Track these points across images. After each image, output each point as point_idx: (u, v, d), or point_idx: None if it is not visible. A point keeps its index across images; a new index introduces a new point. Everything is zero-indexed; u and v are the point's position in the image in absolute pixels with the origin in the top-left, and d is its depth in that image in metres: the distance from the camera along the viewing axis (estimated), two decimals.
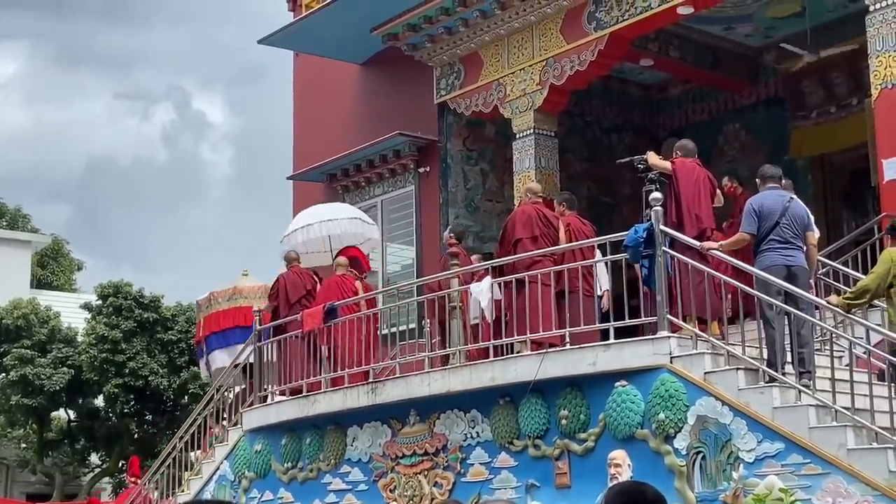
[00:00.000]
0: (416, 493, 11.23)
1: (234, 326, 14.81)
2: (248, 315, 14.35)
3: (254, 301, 14.76)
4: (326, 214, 14.26)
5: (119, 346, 24.44)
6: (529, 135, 14.23)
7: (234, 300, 15.11)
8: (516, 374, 10.19)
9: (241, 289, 15.44)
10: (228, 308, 14.98)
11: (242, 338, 14.52)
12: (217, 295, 15.35)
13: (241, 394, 14.35)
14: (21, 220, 38.71)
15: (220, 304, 15.03)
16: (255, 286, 15.43)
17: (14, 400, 25.41)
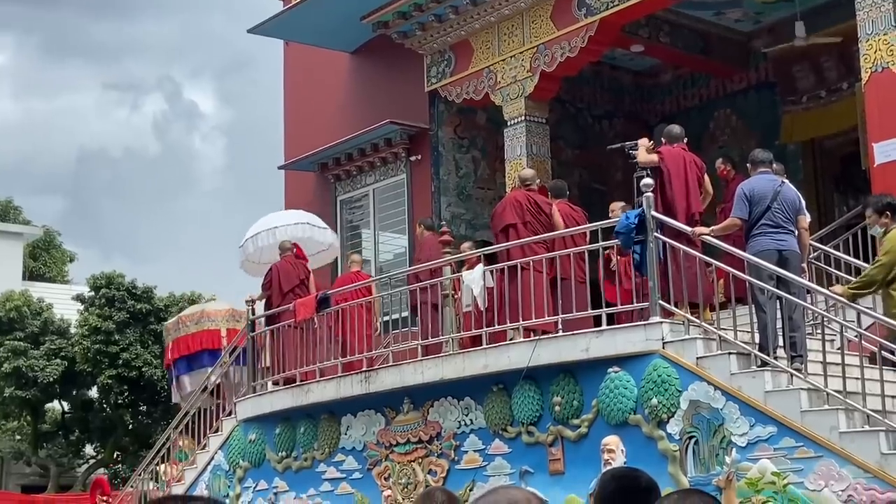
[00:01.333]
0: (410, 480, 11.26)
1: (202, 350, 15.00)
2: (215, 338, 14.58)
3: (221, 324, 14.99)
4: (273, 222, 14.52)
5: (112, 337, 24.42)
6: (520, 122, 14.23)
7: (201, 324, 15.30)
8: (509, 361, 10.21)
9: (208, 312, 15.60)
10: (196, 331, 15.18)
11: (210, 361, 14.69)
12: (185, 318, 15.54)
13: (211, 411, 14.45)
14: (12, 212, 38.63)
15: (189, 327, 15.23)
16: (222, 309, 15.65)
17: (7, 392, 25.40)
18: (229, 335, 14.93)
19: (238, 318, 15.11)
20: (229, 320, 15.11)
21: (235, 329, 14.89)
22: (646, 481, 3.53)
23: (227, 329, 14.91)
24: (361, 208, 17.36)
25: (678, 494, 2.70)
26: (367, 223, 17.20)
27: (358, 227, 17.47)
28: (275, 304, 13.63)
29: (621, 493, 3.40)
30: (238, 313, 15.33)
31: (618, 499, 3.39)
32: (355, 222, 17.51)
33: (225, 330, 14.60)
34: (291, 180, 18.45)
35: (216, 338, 14.60)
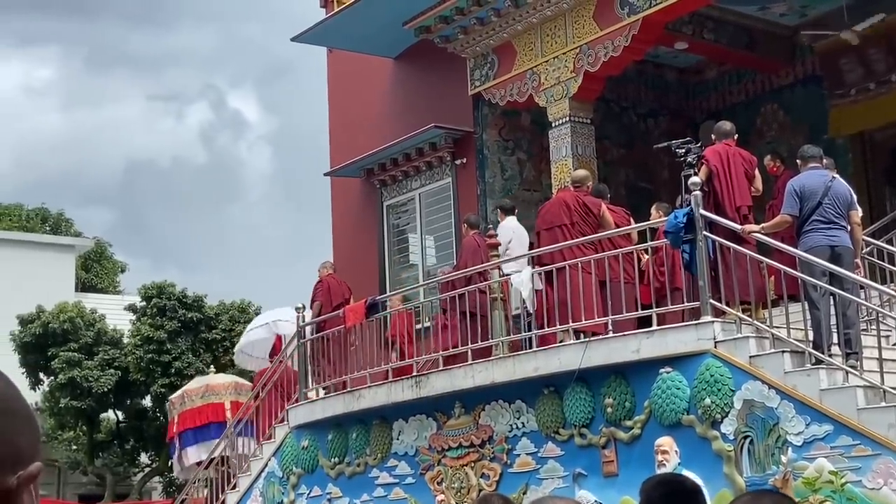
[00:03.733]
0: (463, 484, 11.26)
1: (208, 423, 15.36)
2: (220, 411, 14.97)
3: (225, 397, 15.36)
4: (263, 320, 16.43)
5: (164, 346, 24.67)
6: (565, 123, 14.18)
7: (206, 397, 15.65)
8: (560, 363, 10.18)
9: (213, 386, 15.96)
10: (202, 405, 15.54)
11: (216, 434, 14.99)
12: (190, 392, 15.88)
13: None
14: (64, 225, 39.15)
15: (194, 401, 15.59)
16: (227, 383, 16.02)
17: (63, 402, 25.74)
18: (233, 408, 15.38)
19: (241, 391, 15.54)
20: (233, 393, 15.58)
21: (239, 402, 15.31)
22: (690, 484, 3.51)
23: (231, 402, 15.39)
24: (407, 213, 17.38)
25: (751, 496, 2.67)
26: (414, 228, 17.22)
27: (404, 231, 17.49)
28: (325, 313, 13.79)
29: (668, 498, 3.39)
30: (241, 386, 15.76)
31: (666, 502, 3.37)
32: (401, 227, 17.54)
33: (229, 403, 15.13)
34: (338, 187, 18.52)
35: (221, 411, 15.16)
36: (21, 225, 37.51)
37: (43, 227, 38.28)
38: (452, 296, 11.93)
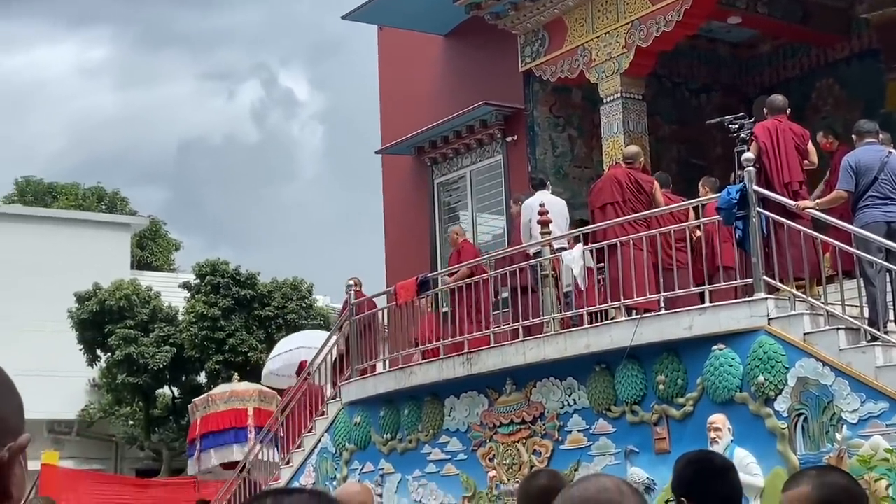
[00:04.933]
0: (515, 461, 11.31)
1: (230, 427, 15.66)
2: (242, 417, 15.30)
3: (249, 404, 15.69)
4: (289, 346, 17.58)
5: (218, 323, 24.97)
6: (617, 99, 14.09)
7: (230, 402, 15.95)
8: (611, 340, 10.18)
9: (237, 392, 16.27)
10: (225, 410, 15.85)
11: (235, 438, 15.26)
12: (215, 396, 16.20)
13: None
14: (119, 203, 39.65)
15: (218, 405, 15.90)
16: (251, 390, 16.35)
17: (120, 379, 26.19)
18: (256, 414, 15.66)
19: (265, 398, 15.86)
20: (257, 400, 15.91)
21: (262, 408, 15.60)
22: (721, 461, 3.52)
23: (255, 408, 15.70)
24: (458, 190, 17.41)
25: (816, 471, 2.68)
26: (465, 205, 17.24)
27: (455, 209, 17.52)
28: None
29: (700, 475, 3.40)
30: (265, 394, 16.08)
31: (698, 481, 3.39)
32: (452, 204, 17.56)
33: (252, 409, 15.43)
34: (388, 164, 18.58)
35: (243, 416, 15.47)
36: (78, 204, 38.05)
37: (99, 205, 38.79)
38: (505, 272, 11.95)
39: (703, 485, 3.32)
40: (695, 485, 3.35)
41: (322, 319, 26.31)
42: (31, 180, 39.99)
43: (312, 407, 14.68)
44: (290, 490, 1.72)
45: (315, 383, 14.88)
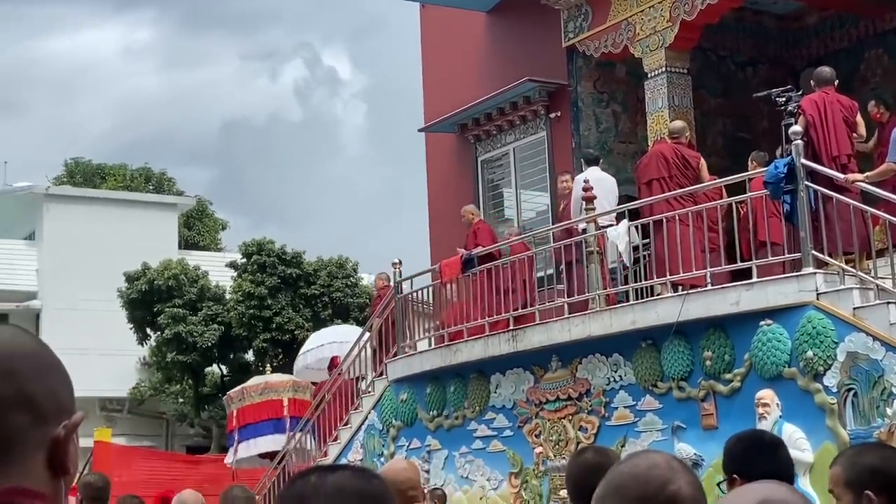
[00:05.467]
0: (561, 437, 11.32)
1: (267, 419, 15.92)
2: (277, 408, 15.57)
3: (283, 394, 15.98)
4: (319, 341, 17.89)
5: (265, 302, 25.18)
6: (661, 73, 13.97)
7: (265, 394, 16.22)
8: (657, 316, 10.14)
9: (272, 384, 16.51)
10: (260, 402, 16.11)
11: (273, 429, 15.47)
12: (249, 389, 16.44)
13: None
14: (166, 184, 39.99)
15: (253, 397, 16.17)
16: (285, 381, 16.63)
17: (169, 357, 26.52)
18: (290, 405, 15.92)
19: (299, 388, 16.13)
20: (291, 391, 16.17)
21: (296, 399, 15.84)
22: (769, 437, 3.52)
23: (289, 399, 15.99)
24: (502, 167, 17.37)
25: (854, 450, 2.70)
26: (509, 182, 17.21)
27: (499, 186, 17.50)
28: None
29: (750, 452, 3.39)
30: (299, 384, 16.36)
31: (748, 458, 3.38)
32: (496, 182, 17.54)
33: (287, 400, 15.74)
34: (432, 142, 18.58)
35: (279, 407, 15.77)
36: (126, 184, 38.43)
37: (146, 186, 39.15)
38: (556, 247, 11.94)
39: (753, 462, 3.32)
40: (745, 462, 3.35)
41: (367, 297, 26.43)
42: (80, 162, 40.44)
43: (347, 401, 14.91)
44: (334, 467, 1.74)
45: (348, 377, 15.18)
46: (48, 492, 1.40)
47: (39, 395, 1.39)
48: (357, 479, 1.70)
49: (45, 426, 1.40)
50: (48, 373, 1.42)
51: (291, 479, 1.77)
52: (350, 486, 1.67)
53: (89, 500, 7.14)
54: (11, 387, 1.37)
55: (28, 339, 1.44)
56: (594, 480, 3.51)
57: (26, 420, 1.38)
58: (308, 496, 1.66)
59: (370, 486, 1.70)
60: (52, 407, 1.41)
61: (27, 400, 1.38)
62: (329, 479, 1.69)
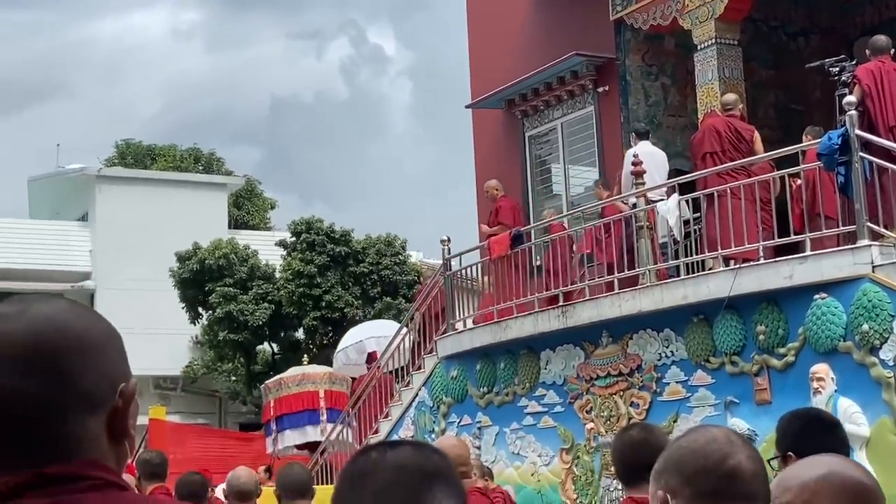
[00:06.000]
0: (612, 413, 11.29)
1: (304, 409, 16.14)
2: (314, 399, 15.75)
3: (320, 386, 16.18)
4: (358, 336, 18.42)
5: (314, 280, 25.31)
6: (711, 45, 13.79)
7: (302, 385, 16.42)
8: (709, 291, 10.05)
9: (309, 375, 16.71)
10: (298, 392, 16.31)
11: (310, 420, 15.73)
12: (286, 380, 16.65)
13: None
14: (215, 164, 40.26)
15: (290, 388, 16.40)
16: (322, 372, 16.81)
17: (221, 335, 26.76)
18: (327, 396, 16.11)
19: (335, 380, 16.34)
20: (328, 382, 16.39)
21: (333, 390, 16.02)
22: (827, 416, 3.49)
23: (325, 390, 16.21)
24: (550, 143, 17.29)
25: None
26: (557, 157, 17.13)
27: (546, 162, 17.42)
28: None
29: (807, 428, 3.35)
30: (336, 376, 16.59)
31: (805, 434, 3.34)
32: (544, 157, 17.46)
33: (323, 391, 15.97)
34: (479, 119, 18.52)
35: (315, 398, 15.98)
36: (175, 165, 38.75)
37: (196, 166, 39.44)
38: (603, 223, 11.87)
39: (810, 440, 3.28)
40: (802, 440, 3.31)
41: (416, 275, 26.49)
42: (131, 143, 40.81)
43: (385, 394, 15.03)
44: (393, 443, 1.74)
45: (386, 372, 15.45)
46: (112, 460, 1.45)
47: (94, 386, 1.43)
48: (418, 454, 1.71)
49: (103, 406, 1.44)
50: (100, 354, 1.44)
51: (353, 455, 1.78)
52: (411, 462, 1.67)
53: (147, 476, 7.23)
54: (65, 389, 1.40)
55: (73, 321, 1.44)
56: (640, 457, 3.50)
57: (84, 413, 1.42)
58: (369, 472, 1.67)
59: (430, 462, 1.70)
60: (106, 387, 1.44)
61: (82, 396, 1.41)
62: (389, 456, 1.69)
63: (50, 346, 1.40)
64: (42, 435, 1.39)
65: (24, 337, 1.40)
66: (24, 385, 1.38)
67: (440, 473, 1.69)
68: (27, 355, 1.39)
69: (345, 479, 1.71)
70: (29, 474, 1.37)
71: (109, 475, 1.42)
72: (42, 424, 1.39)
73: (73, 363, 1.41)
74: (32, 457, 1.38)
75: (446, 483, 1.68)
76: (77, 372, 1.41)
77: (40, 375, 1.38)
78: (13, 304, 1.45)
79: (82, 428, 1.41)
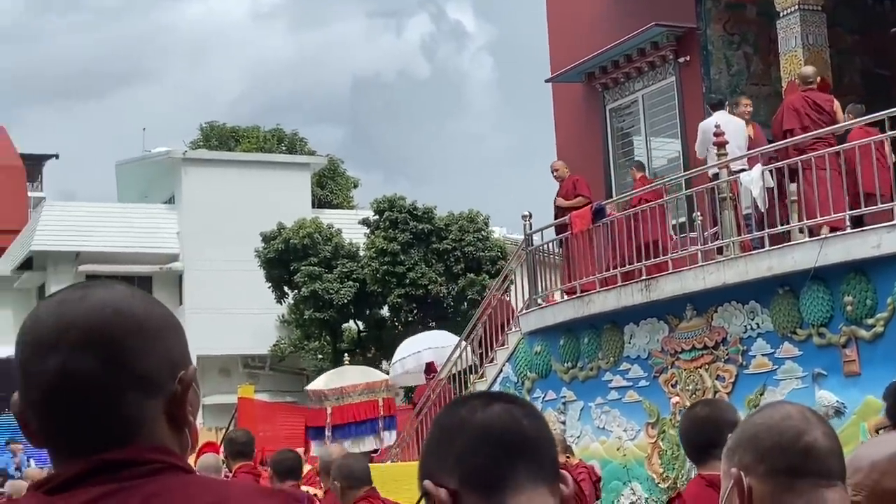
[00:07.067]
0: (698, 387, 11.22)
1: (367, 419, 16.33)
2: (374, 408, 16.30)
3: (379, 395, 16.36)
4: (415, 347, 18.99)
5: (398, 257, 25.49)
6: (794, 11, 13.51)
7: (364, 395, 16.59)
8: (794, 262, 9.92)
9: (370, 384, 16.88)
10: (360, 402, 16.48)
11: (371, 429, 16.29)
12: (348, 389, 16.79)
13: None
14: (298, 144, 40.68)
15: (353, 397, 16.52)
16: (380, 381, 17.11)
17: (307, 314, 27.13)
18: (384, 405, 16.32)
19: (389, 387, 16.63)
20: (384, 391, 16.63)
21: (388, 398, 16.27)
22: None
23: (383, 398, 16.42)
24: (631, 115, 17.14)
25: None
26: (638, 130, 16.99)
27: (629, 134, 17.28)
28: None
29: None
30: (389, 384, 16.79)
31: None
32: (625, 130, 17.32)
33: (381, 400, 16.10)
34: (559, 93, 18.43)
35: (375, 408, 16.17)
36: (259, 146, 39.24)
37: (279, 147, 39.89)
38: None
39: None
40: None
41: (499, 251, 26.51)
42: (215, 125, 41.42)
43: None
44: (488, 399, 1.62)
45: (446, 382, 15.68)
46: (174, 446, 1.45)
47: (153, 370, 1.43)
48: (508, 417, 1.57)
49: (162, 391, 1.44)
50: (159, 340, 1.45)
51: (448, 405, 1.67)
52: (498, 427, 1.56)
53: (233, 455, 7.42)
54: (124, 371, 1.41)
55: (132, 307, 1.45)
56: (706, 434, 3.50)
57: (143, 396, 1.42)
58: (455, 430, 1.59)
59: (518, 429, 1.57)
60: (165, 372, 1.44)
61: (141, 379, 1.42)
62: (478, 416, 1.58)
63: (109, 328, 1.41)
64: (102, 417, 1.40)
65: (85, 320, 1.41)
66: (84, 366, 1.39)
67: (527, 444, 1.56)
68: (87, 337, 1.40)
69: (434, 432, 1.63)
70: (91, 461, 1.38)
71: (171, 458, 1.42)
72: (102, 406, 1.40)
73: (131, 346, 1.42)
74: (93, 441, 1.39)
75: (532, 457, 1.56)
76: (135, 355, 1.42)
77: (100, 357, 1.40)
78: (75, 289, 1.47)
79: (141, 411, 1.42)
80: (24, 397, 1.43)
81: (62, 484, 1.39)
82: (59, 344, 1.41)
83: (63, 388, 1.40)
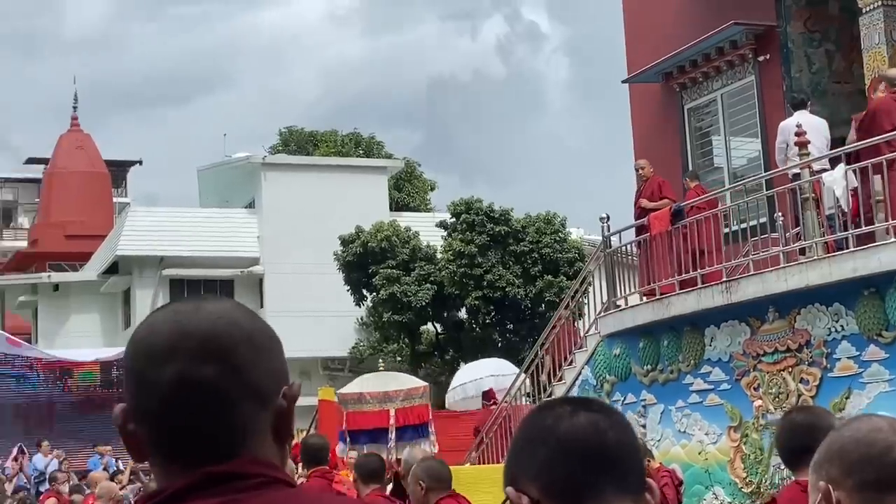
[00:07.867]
0: (781, 390, 11.06)
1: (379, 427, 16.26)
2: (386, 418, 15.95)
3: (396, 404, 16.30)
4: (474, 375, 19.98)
5: (475, 260, 25.53)
6: (877, 7, 13.26)
7: (382, 403, 16.51)
8: (880, 263, 9.73)
9: (389, 393, 16.75)
10: (377, 410, 16.40)
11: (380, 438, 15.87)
12: (367, 395, 16.70)
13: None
14: (375, 147, 40.97)
15: (371, 403, 16.40)
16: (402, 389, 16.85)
17: (385, 317, 27.31)
18: (397, 414, 16.24)
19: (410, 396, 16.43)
20: (403, 399, 16.51)
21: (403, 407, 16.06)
22: None
23: (397, 409, 16.35)
24: (710, 115, 16.96)
25: None
26: (717, 129, 16.80)
27: (707, 134, 17.10)
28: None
29: None
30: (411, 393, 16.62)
31: None
32: (704, 129, 17.15)
33: (394, 410, 15.99)
34: (636, 93, 18.31)
35: (387, 417, 16.13)
36: (336, 150, 39.60)
37: (356, 150, 40.21)
38: None
39: None
40: None
41: (577, 252, 26.41)
42: (294, 130, 41.91)
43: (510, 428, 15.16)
44: (575, 406, 1.62)
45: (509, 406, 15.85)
46: (277, 460, 1.47)
47: (263, 381, 1.45)
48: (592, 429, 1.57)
49: (270, 403, 1.46)
50: (266, 352, 1.48)
51: (536, 408, 1.67)
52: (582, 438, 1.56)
53: (308, 461, 7.53)
54: (238, 381, 1.43)
55: (242, 320, 1.48)
56: (801, 440, 3.46)
57: (254, 407, 1.44)
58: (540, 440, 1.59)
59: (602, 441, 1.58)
60: (272, 386, 1.47)
61: (253, 390, 1.44)
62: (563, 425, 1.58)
63: (224, 338, 1.44)
64: (216, 427, 1.41)
65: (202, 330, 1.44)
66: (202, 374, 1.41)
67: (610, 458, 1.56)
68: (205, 346, 1.42)
69: (519, 438, 1.63)
70: (197, 475, 1.39)
71: (276, 472, 1.43)
72: (217, 415, 1.41)
73: (244, 356, 1.44)
74: (202, 452, 1.41)
75: (616, 470, 1.56)
76: (248, 365, 1.44)
77: (215, 365, 1.41)
78: (188, 302, 1.50)
79: (254, 423, 1.43)
80: (138, 406, 1.44)
81: (171, 497, 1.40)
82: (177, 352, 1.42)
83: (181, 396, 1.41)
